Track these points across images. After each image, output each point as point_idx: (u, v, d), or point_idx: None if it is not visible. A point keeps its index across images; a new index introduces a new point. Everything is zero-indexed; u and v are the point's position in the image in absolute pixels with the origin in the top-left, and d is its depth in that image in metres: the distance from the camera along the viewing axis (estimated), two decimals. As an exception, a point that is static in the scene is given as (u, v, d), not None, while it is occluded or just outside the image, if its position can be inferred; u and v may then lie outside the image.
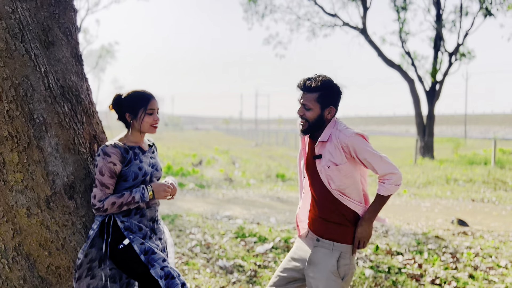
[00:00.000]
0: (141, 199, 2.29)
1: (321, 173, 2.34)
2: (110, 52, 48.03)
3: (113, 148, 2.27)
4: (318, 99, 2.28)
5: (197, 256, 4.80)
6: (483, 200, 9.16)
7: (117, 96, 2.40)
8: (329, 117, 2.33)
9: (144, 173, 2.34)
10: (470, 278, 4.31)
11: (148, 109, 2.35)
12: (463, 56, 19.15)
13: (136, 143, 2.40)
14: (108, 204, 2.24)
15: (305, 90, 2.30)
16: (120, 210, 2.27)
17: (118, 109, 2.39)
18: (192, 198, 9.01)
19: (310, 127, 2.34)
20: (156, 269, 2.22)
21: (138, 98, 2.35)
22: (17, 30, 2.23)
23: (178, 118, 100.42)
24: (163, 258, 2.28)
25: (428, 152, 18.72)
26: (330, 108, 2.31)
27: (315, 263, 2.39)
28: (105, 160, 2.24)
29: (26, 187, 2.27)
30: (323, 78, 2.30)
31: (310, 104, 2.29)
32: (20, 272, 2.33)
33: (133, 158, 2.32)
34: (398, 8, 19.80)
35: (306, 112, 2.31)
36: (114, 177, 2.28)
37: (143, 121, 2.35)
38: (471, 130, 55.46)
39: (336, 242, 2.38)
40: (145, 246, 2.27)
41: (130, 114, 2.36)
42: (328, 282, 2.33)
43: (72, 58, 2.53)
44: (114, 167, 2.26)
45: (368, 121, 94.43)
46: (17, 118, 2.23)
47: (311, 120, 2.32)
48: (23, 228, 2.30)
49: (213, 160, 17.61)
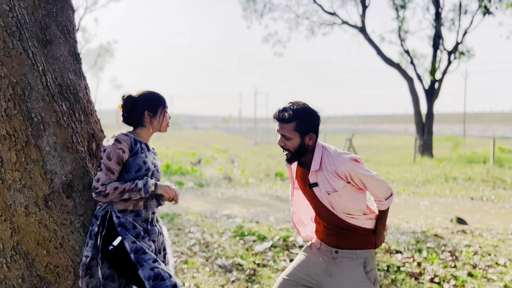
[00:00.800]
0: (144, 187, 2.29)
1: (323, 200, 2.32)
2: (108, 51, 48.01)
3: (124, 136, 2.33)
4: (296, 128, 2.25)
5: (196, 255, 4.80)
6: (482, 199, 9.17)
7: (129, 96, 2.43)
8: (310, 143, 2.30)
9: (147, 168, 2.37)
10: (469, 276, 4.31)
11: (166, 107, 2.48)
12: (462, 54, 19.17)
13: (144, 140, 2.45)
14: (110, 188, 2.24)
15: (281, 121, 2.28)
16: (122, 197, 2.26)
17: (131, 109, 2.41)
18: (191, 197, 9.01)
19: (293, 156, 2.32)
20: (145, 270, 2.18)
21: (157, 97, 2.45)
22: (14, 28, 2.22)
23: (177, 117, 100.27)
24: (154, 258, 2.24)
25: (427, 151, 18.74)
26: (310, 135, 2.28)
27: (338, 274, 2.34)
28: (115, 146, 2.28)
29: (24, 186, 2.26)
30: (298, 106, 2.27)
31: (289, 134, 2.26)
32: (18, 271, 2.32)
33: (139, 151, 2.36)
34: (397, 7, 19.81)
35: (287, 142, 2.28)
36: (121, 164, 2.30)
37: (162, 119, 2.45)
38: (470, 129, 55.53)
39: (358, 249, 2.36)
40: (137, 245, 2.25)
41: (150, 112, 2.41)
42: (360, 285, 2.30)
43: (70, 57, 2.52)
44: (122, 154, 2.29)
45: (367, 120, 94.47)
46: (15, 117, 2.22)
47: (293, 149, 2.29)
48: (21, 227, 2.29)
49: (212, 159, 17.60)
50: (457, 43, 18.89)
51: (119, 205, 2.31)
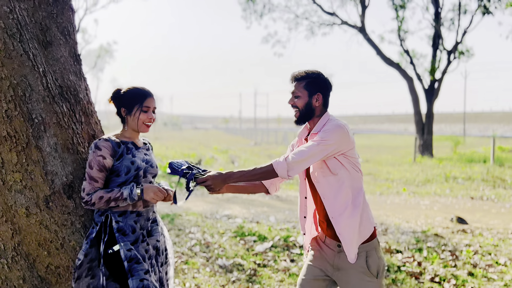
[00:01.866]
0: (129, 196, 2.24)
1: (315, 170, 2.34)
2: (108, 52, 48.03)
3: (105, 141, 2.28)
4: (305, 86, 2.39)
5: (197, 255, 4.81)
6: (482, 198, 9.18)
7: (116, 90, 2.41)
8: (317, 105, 2.39)
9: (137, 168, 2.32)
10: (469, 275, 4.31)
11: (144, 107, 2.35)
12: (461, 54, 19.18)
13: (130, 138, 2.40)
14: (95, 198, 2.23)
15: (294, 80, 2.42)
16: (108, 205, 2.25)
17: (116, 103, 2.40)
18: (191, 198, 9.01)
19: (301, 116, 2.41)
20: (135, 280, 2.19)
21: (135, 95, 2.36)
22: (15, 30, 2.23)
23: (177, 118, 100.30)
24: (146, 269, 2.24)
25: (427, 150, 18.73)
26: (317, 94, 2.39)
27: (343, 268, 2.34)
28: (95, 154, 2.24)
29: (25, 186, 2.27)
30: (311, 70, 2.43)
31: (298, 92, 2.39)
32: (19, 271, 2.33)
33: (125, 153, 2.31)
34: (396, 7, 19.81)
35: (296, 100, 2.40)
36: (104, 171, 2.26)
37: (136, 118, 2.35)
38: (470, 128, 55.52)
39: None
40: (131, 253, 2.24)
41: (126, 109, 2.37)
42: (362, 284, 2.29)
43: (70, 58, 2.53)
44: (103, 161, 2.25)
45: (367, 120, 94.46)
46: (16, 118, 2.23)
47: (300, 107, 2.40)
48: (22, 227, 2.30)
49: (212, 159, 17.60)
50: (456, 43, 18.89)
51: (118, 208, 2.31)
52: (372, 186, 11.02)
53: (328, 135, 2.24)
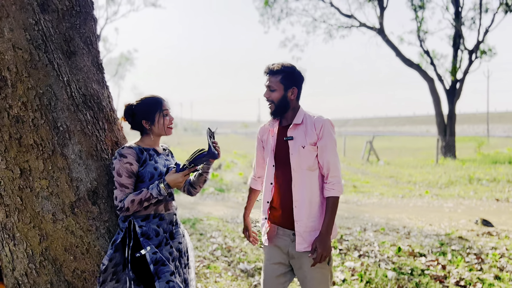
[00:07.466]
0: (159, 193, 2.31)
1: (292, 156, 2.44)
2: (129, 60, 48.73)
3: (128, 149, 2.35)
4: (281, 80, 2.45)
5: (218, 259, 4.83)
6: (508, 200, 8.97)
7: (128, 106, 2.46)
8: (292, 98, 2.48)
9: (160, 173, 2.39)
10: (496, 279, 4.22)
11: (163, 111, 2.43)
12: (483, 53, 18.83)
13: (151, 145, 2.46)
14: (128, 202, 2.28)
15: (269, 74, 2.48)
16: (142, 207, 2.31)
17: (132, 119, 2.46)
18: (212, 202, 9.06)
19: (277, 109, 2.49)
20: (162, 282, 2.23)
21: (152, 104, 2.43)
22: (40, 41, 2.30)
23: (197, 123, 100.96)
24: (172, 271, 2.29)
25: (450, 152, 18.43)
26: (293, 88, 2.46)
27: (296, 256, 2.48)
28: (121, 162, 2.31)
29: (51, 193, 2.33)
30: (286, 63, 2.49)
31: (274, 86, 2.46)
32: (47, 276, 2.39)
33: (148, 159, 2.38)
34: (415, 7, 19.61)
35: (271, 94, 2.47)
36: (132, 176, 2.33)
37: (161, 124, 2.42)
38: (493, 129, 54.34)
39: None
40: (157, 256, 2.29)
41: (147, 121, 2.42)
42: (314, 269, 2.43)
43: (93, 67, 2.59)
44: (131, 167, 2.31)
45: (388, 122, 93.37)
46: (42, 127, 2.29)
47: (276, 101, 2.47)
48: (49, 233, 2.36)
49: (232, 164, 17.66)
50: (478, 42, 18.57)
51: (141, 213, 2.36)
52: (394, 189, 10.89)
53: (332, 132, 2.45)
